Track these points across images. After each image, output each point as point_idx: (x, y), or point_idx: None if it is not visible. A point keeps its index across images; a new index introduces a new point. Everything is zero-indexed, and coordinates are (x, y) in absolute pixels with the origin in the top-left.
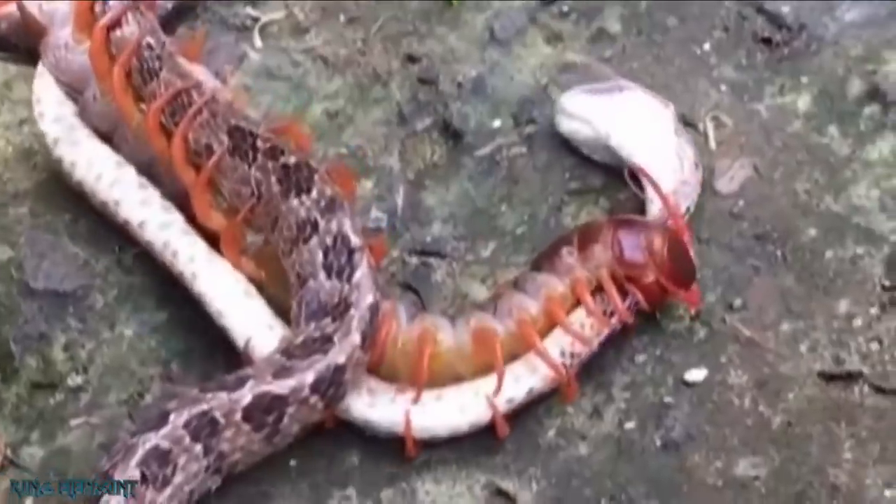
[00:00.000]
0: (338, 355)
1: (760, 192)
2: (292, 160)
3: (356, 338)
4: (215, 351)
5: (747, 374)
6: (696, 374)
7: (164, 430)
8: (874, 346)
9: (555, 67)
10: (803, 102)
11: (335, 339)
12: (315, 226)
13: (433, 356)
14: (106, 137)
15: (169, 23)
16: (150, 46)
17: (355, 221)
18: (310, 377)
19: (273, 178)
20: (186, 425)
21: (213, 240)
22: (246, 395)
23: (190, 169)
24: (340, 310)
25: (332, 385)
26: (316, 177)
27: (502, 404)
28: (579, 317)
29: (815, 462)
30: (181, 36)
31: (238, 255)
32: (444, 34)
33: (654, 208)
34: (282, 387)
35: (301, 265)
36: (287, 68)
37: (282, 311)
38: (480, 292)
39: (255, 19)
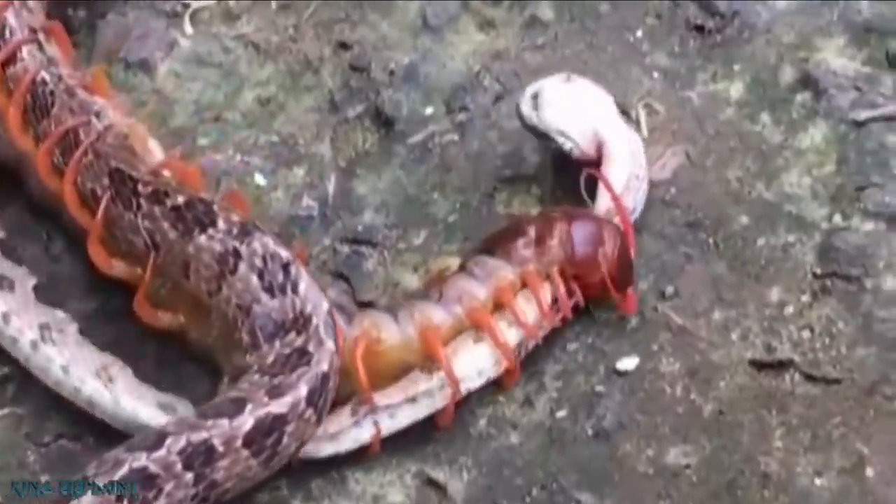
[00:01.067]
0: (321, 364)
1: (693, 180)
2: (180, 200)
3: (330, 344)
4: (146, 339)
5: (679, 362)
6: (628, 363)
7: (157, 454)
8: (805, 333)
9: (487, 54)
10: (736, 90)
11: (310, 349)
12: (237, 254)
13: (381, 354)
14: (13, 171)
15: (99, 11)
16: (44, 82)
17: (274, 237)
18: (303, 390)
19: (166, 224)
20: (181, 452)
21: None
22: (247, 421)
23: (86, 213)
24: (301, 323)
25: (322, 395)
26: (215, 208)
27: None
28: (523, 307)
29: (746, 450)
30: (111, 23)
31: (153, 312)
32: (376, 21)
33: (603, 203)
34: (281, 405)
35: (238, 296)
36: (218, 55)
37: (207, 353)
38: (412, 281)
39: (186, 5)
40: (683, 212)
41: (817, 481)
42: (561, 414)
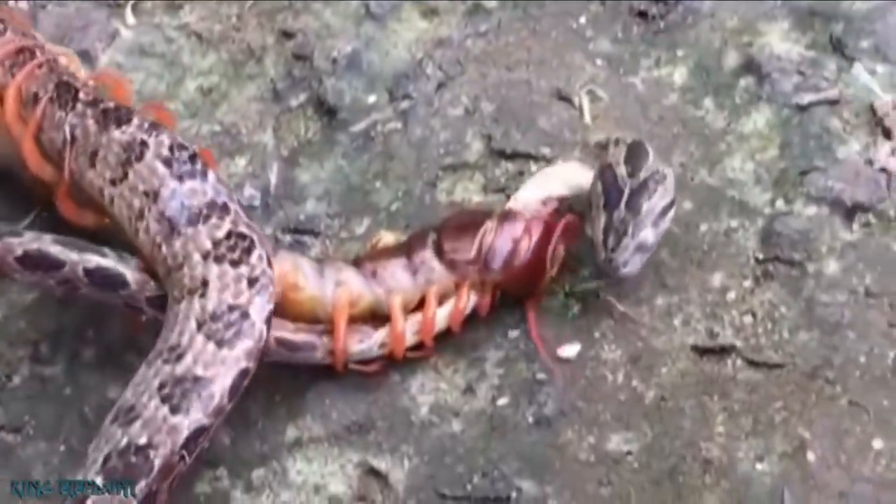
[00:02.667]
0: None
1: None
2: (111, 105)
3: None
4: (85, 330)
5: (621, 349)
6: (570, 350)
7: None
8: (747, 319)
9: (430, 42)
10: (679, 75)
11: (253, 241)
12: (144, 144)
13: (294, 301)
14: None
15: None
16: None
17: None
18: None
19: (90, 121)
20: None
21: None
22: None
23: (21, 123)
24: (219, 208)
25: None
26: (134, 113)
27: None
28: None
29: (688, 436)
30: (52, 13)
31: (76, 209)
32: (319, 9)
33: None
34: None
35: (144, 182)
36: (160, 45)
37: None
38: None
39: None
40: None
41: (759, 466)
42: (502, 401)
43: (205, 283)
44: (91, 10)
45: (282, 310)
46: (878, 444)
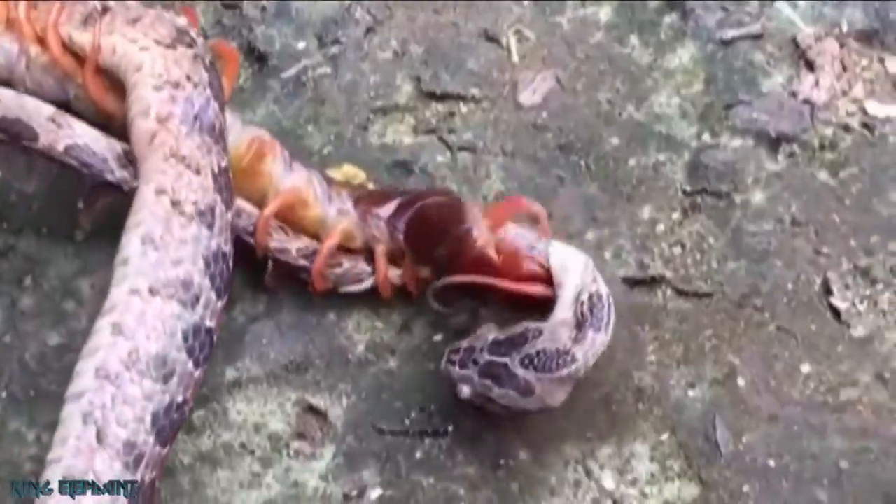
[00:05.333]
0: None
1: (563, 104)
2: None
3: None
4: (22, 278)
5: None
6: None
7: None
8: (677, 250)
9: None
10: (605, 14)
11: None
12: None
13: (301, 216)
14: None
15: None
16: None
17: None
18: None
19: None
20: None
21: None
22: None
23: (69, 58)
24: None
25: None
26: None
27: None
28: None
29: (621, 366)
30: None
31: (102, 91)
32: None
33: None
34: None
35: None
36: None
37: None
38: None
39: None
40: (555, 135)
41: (690, 393)
42: (438, 338)
43: None
44: None
45: (289, 221)
46: (805, 368)
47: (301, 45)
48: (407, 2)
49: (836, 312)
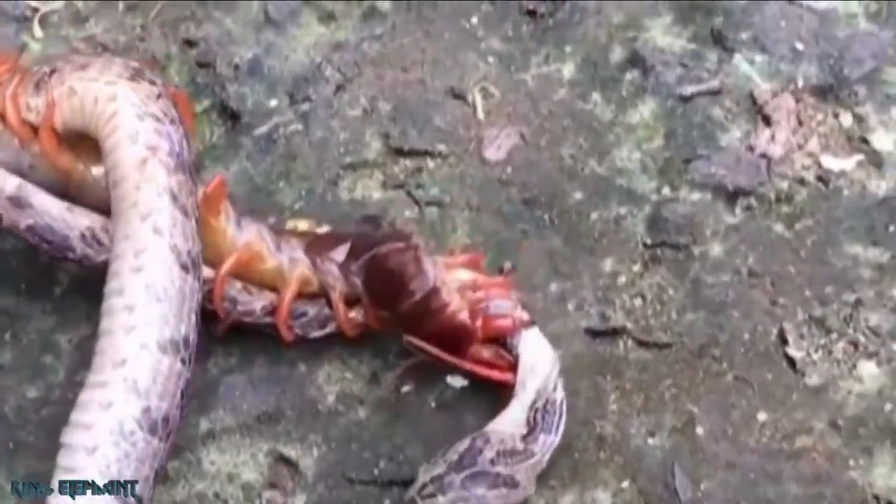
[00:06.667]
0: None
1: (528, 159)
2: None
3: None
4: (3, 333)
5: None
6: None
7: None
8: (637, 301)
9: (328, 46)
10: (568, 70)
11: None
12: None
13: (256, 270)
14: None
15: None
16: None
17: None
18: None
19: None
20: None
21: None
22: None
23: (25, 127)
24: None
25: None
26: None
27: None
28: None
29: (583, 415)
30: None
31: (56, 148)
32: (220, 18)
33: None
34: None
35: None
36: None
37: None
38: None
39: (35, 10)
40: (519, 190)
41: (650, 441)
42: (406, 389)
43: None
44: None
45: (245, 277)
46: (762, 416)
47: (273, 102)
48: (375, 60)
49: (791, 362)
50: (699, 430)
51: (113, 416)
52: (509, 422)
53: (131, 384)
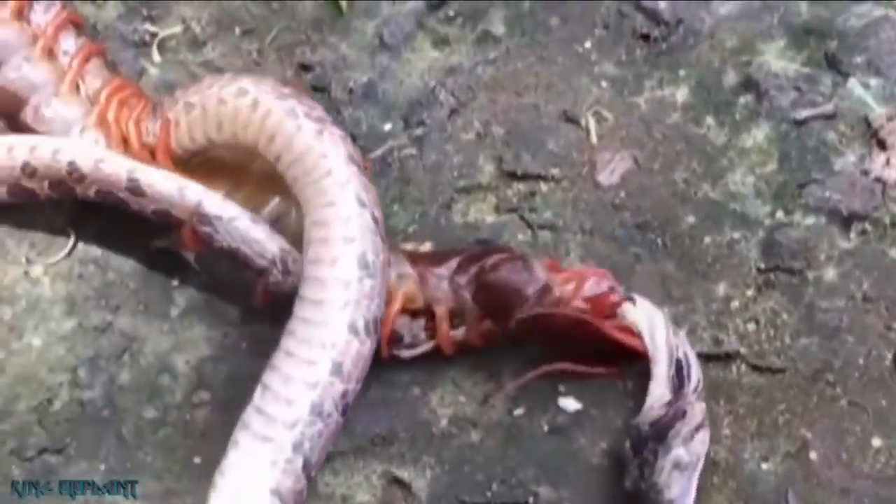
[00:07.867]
0: None
1: (641, 183)
2: None
3: None
4: (121, 354)
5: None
6: None
7: None
8: (751, 326)
9: (442, 70)
10: (681, 94)
11: None
12: None
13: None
14: None
15: None
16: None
17: None
18: None
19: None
20: None
21: None
22: None
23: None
24: None
25: None
26: None
27: None
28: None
29: None
30: None
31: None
32: (335, 42)
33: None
34: None
35: None
36: (186, 81)
37: None
38: None
39: (154, 35)
40: (633, 214)
41: (764, 466)
42: (518, 412)
43: None
44: (119, 49)
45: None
46: (877, 442)
47: (387, 126)
48: (489, 84)
49: None
50: (813, 456)
51: (317, 396)
52: (656, 400)
53: (337, 367)
